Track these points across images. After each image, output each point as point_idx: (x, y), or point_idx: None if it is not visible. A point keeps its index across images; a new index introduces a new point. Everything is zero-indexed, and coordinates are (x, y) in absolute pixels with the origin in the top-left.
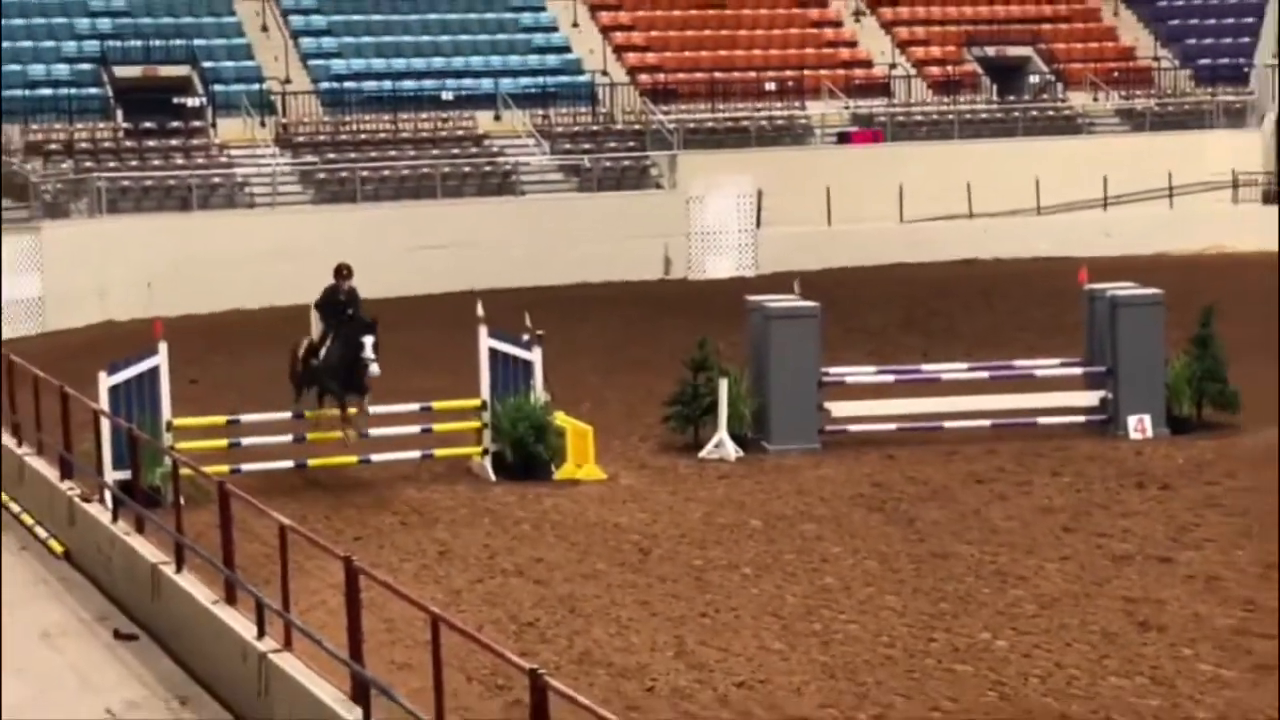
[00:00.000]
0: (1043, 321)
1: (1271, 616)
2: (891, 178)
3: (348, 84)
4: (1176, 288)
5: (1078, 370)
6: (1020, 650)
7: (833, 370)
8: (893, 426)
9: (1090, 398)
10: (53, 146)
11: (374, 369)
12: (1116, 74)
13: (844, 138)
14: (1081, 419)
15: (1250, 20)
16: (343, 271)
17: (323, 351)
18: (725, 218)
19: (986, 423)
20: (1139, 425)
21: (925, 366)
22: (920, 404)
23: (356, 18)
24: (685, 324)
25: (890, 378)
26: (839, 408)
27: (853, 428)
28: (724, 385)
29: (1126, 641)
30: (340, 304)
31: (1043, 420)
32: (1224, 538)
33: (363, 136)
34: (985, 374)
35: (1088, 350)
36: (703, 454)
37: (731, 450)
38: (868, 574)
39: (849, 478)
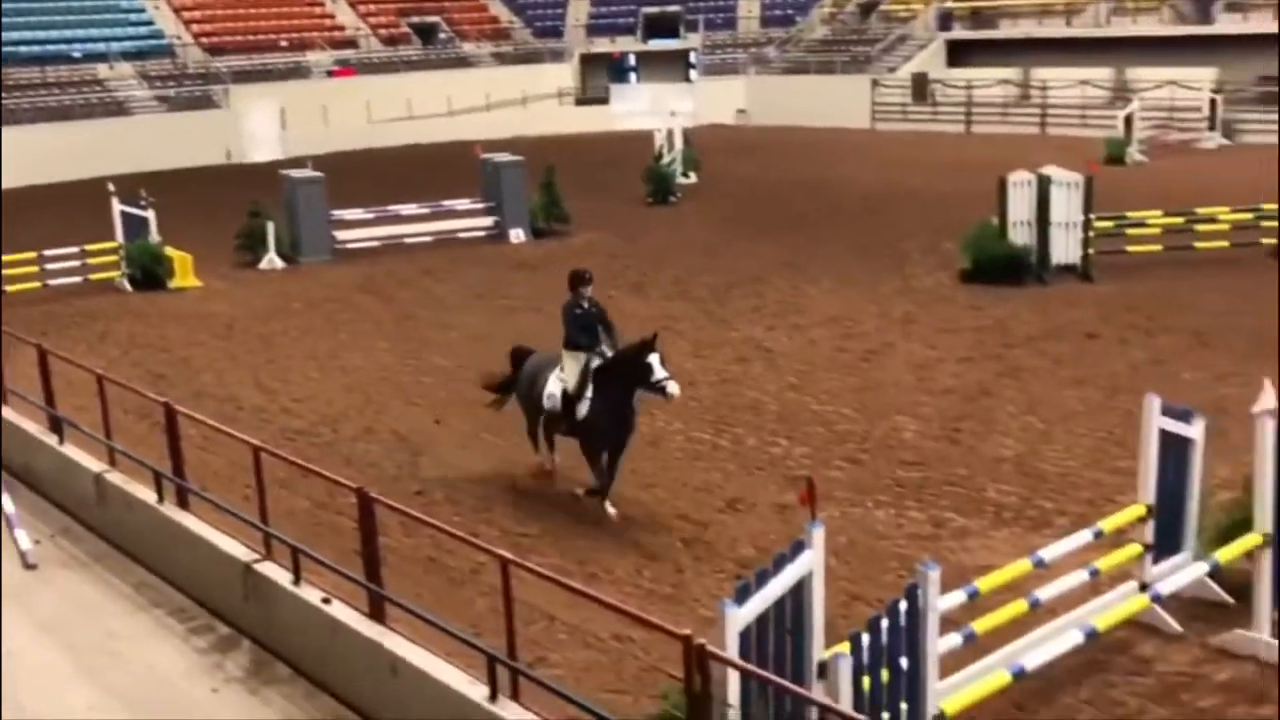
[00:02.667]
0: (458, 176)
1: None
2: (362, 97)
3: (11, 48)
4: (532, 155)
5: (480, 205)
6: (459, 365)
7: (336, 211)
8: (376, 244)
9: (488, 221)
10: None
11: (672, 388)
12: (489, 31)
13: (331, 73)
14: (484, 233)
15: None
16: (584, 278)
17: (583, 405)
18: (263, 125)
19: (430, 238)
20: (516, 235)
21: (391, 206)
22: (391, 229)
23: (21, 4)
24: (244, 190)
25: (372, 214)
26: (342, 234)
27: (351, 245)
28: (270, 225)
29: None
30: (591, 324)
31: (462, 235)
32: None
33: (24, 82)
34: (428, 209)
35: (484, 193)
36: (260, 266)
37: (279, 263)
38: (367, 331)
39: (352, 275)
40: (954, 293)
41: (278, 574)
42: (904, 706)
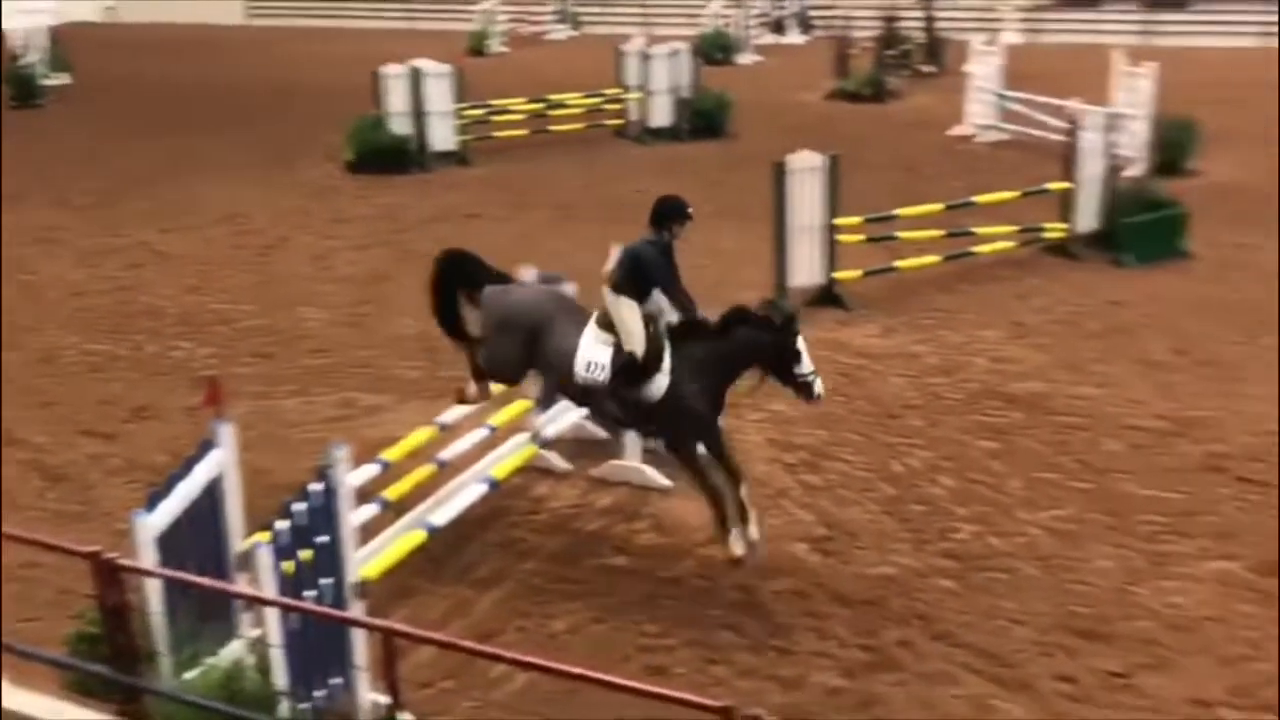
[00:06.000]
0: None
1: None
2: None
3: None
4: None
5: None
6: None
7: None
8: None
9: None
10: None
11: (820, 387)
12: None
13: None
14: None
15: None
16: (686, 212)
17: (661, 379)
18: None
19: None
20: None
21: None
22: None
23: None
24: None
25: None
26: None
27: None
28: None
29: None
30: (668, 261)
31: None
32: None
33: None
34: None
35: None
36: None
37: None
38: None
39: None
40: (342, 183)
41: None
42: (327, 581)
